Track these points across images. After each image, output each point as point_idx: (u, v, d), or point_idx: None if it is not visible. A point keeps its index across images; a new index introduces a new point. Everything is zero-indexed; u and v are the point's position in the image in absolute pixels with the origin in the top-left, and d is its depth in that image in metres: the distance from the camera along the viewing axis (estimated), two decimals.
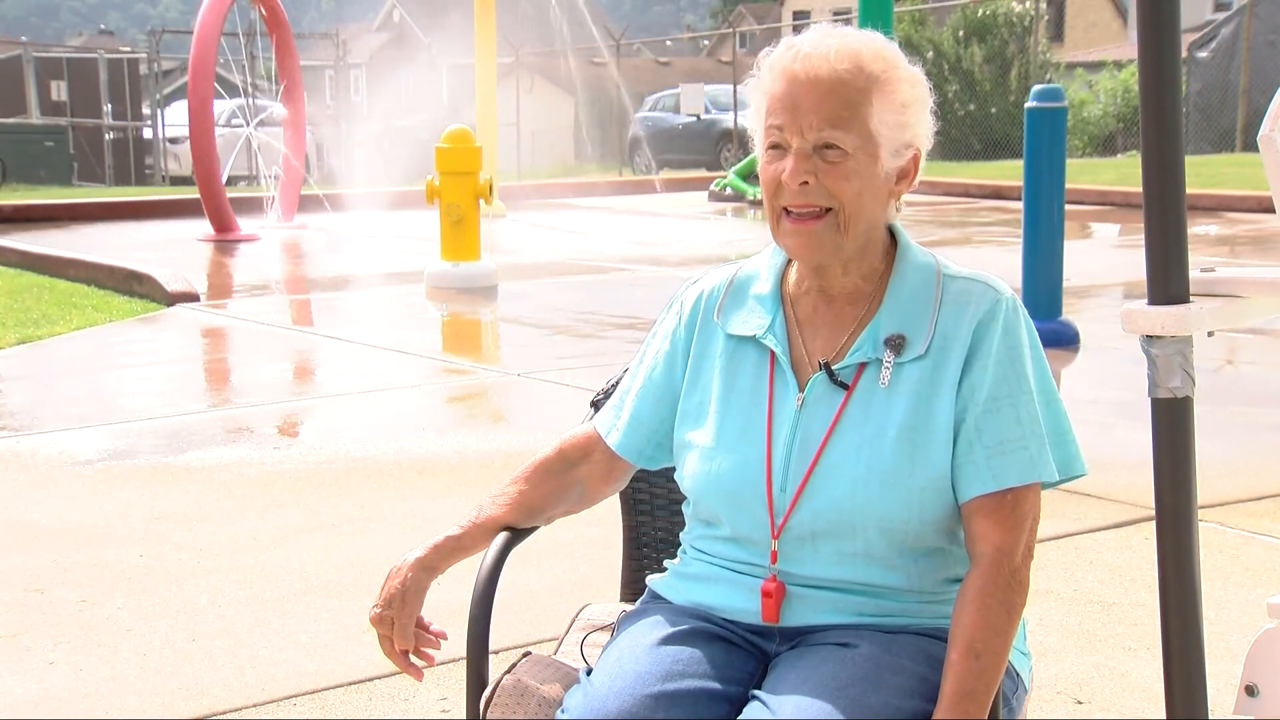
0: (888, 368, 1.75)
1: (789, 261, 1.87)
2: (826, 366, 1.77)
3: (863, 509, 1.72)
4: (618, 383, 2.02)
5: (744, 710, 1.67)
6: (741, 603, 1.79)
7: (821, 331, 1.81)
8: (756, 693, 1.69)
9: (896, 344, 1.75)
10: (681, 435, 1.87)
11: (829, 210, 1.73)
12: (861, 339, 1.77)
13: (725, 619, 1.80)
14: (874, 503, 1.71)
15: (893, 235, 1.83)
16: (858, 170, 1.72)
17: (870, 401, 1.75)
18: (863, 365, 1.76)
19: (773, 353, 1.81)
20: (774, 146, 1.75)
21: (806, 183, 1.72)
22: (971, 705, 1.62)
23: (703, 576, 1.84)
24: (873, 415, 1.74)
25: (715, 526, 1.84)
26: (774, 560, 1.77)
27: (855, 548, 1.74)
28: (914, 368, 1.74)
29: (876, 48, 1.75)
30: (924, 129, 1.78)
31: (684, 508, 1.92)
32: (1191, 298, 1.75)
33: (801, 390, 1.78)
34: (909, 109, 1.76)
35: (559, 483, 1.95)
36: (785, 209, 1.75)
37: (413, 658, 1.89)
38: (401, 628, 1.86)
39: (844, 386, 1.76)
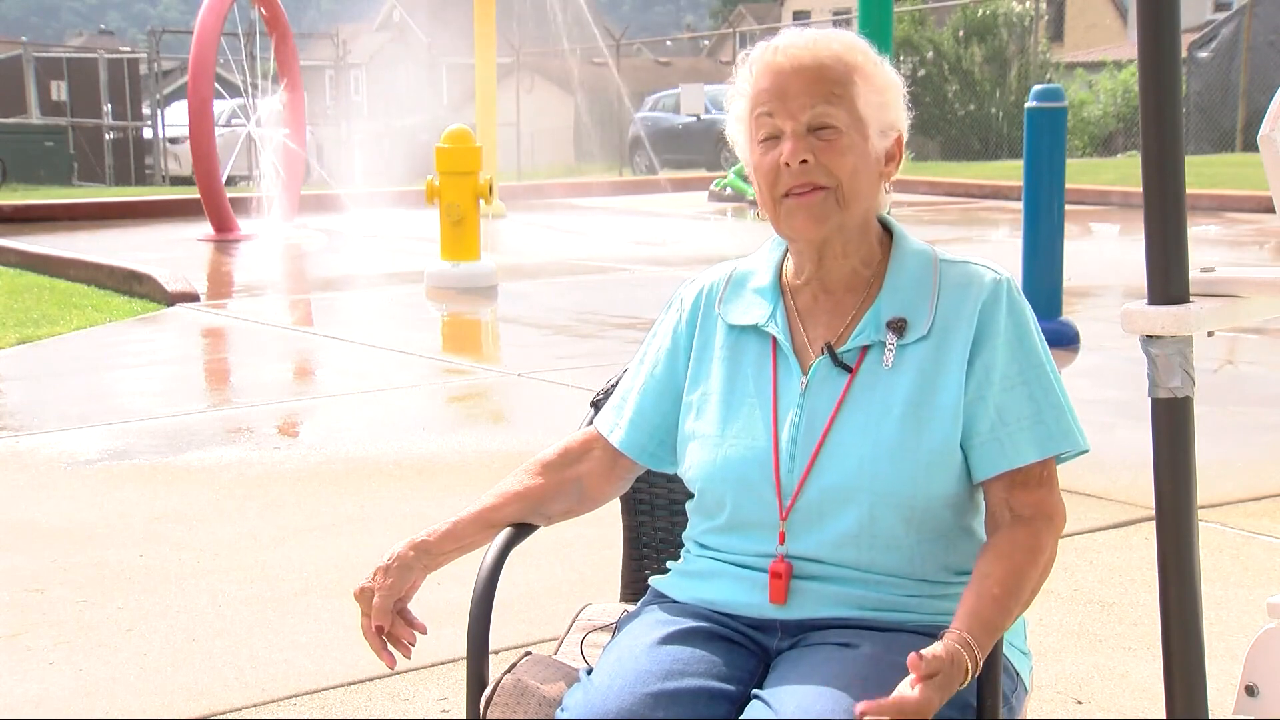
0: (891, 349, 1.78)
1: (786, 254, 1.90)
2: (830, 349, 1.80)
3: (870, 484, 1.74)
4: (618, 383, 2.03)
5: (745, 710, 1.67)
6: (744, 596, 1.80)
7: (822, 320, 1.84)
8: (758, 692, 1.69)
9: (899, 326, 1.79)
10: (685, 427, 1.88)
11: (826, 189, 1.77)
12: (864, 323, 1.80)
13: (728, 614, 1.80)
14: (881, 477, 1.74)
15: (888, 229, 1.87)
16: (852, 146, 1.77)
17: (875, 382, 1.78)
18: (865, 348, 1.80)
19: (774, 339, 1.84)
20: (767, 138, 1.79)
21: (806, 161, 1.76)
22: (984, 631, 1.63)
23: (706, 573, 1.85)
24: (878, 394, 1.77)
25: (718, 518, 1.84)
26: (782, 541, 1.78)
27: (861, 527, 1.75)
28: (917, 348, 1.78)
29: (849, 40, 1.83)
30: (903, 112, 1.85)
31: (687, 505, 1.92)
32: (1191, 298, 1.75)
33: (805, 374, 1.81)
34: (888, 91, 1.82)
35: (558, 478, 1.96)
36: (784, 195, 1.78)
37: (392, 648, 1.86)
38: (381, 600, 1.84)
39: (847, 369, 1.79)
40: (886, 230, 1.87)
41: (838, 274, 1.84)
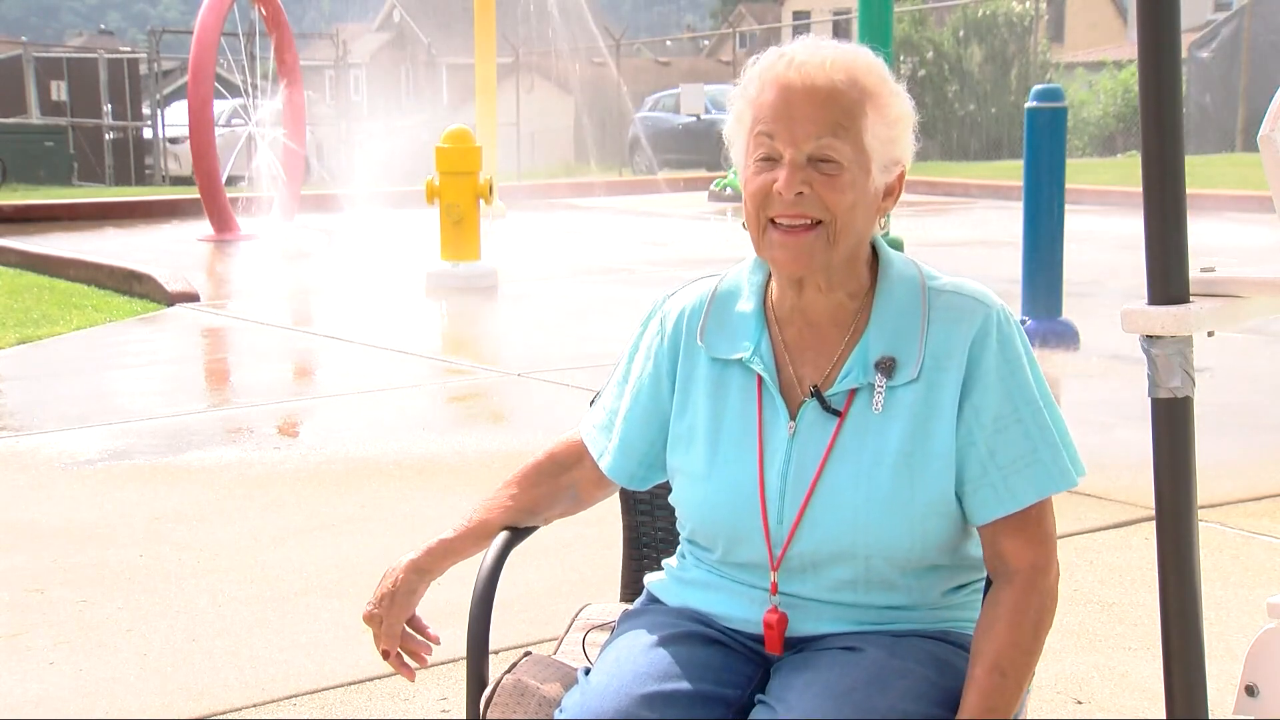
0: (880, 392, 1.70)
1: (770, 277, 1.81)
2: (818, 393, 1.73)
3: (863, 538, 1.69)
4: None
5: (749, 713, 1.67)
6: (742, 612, 1.77)
7: (809, 355, 1.76)
8: (762, 696, 1.68)
9: (887, 367, 1.70)
10: (673, 460, 1.83)
11: (819, 223, 1.68)
12: (850, 363, 1.73)
13: (726, 626, 1.79)
14: (874, 531, 1.69)
15: (873, 249, 1.78)
16: (853, 183, 1.68)
17: (865, 428, 1.70)
18: (854, 390, 1.72)
19: (760, 377, 1.76)
20: (765, 158, 1.69)
21: (802, 193, 1.66)
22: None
23: (702, 583, 1.83)
24: (868, 442, 1.70)
25: (712, 553, 1.81)
26: (774, 591, 1.74)
27: (857, 574, 1.72)
28: (907, 391, 1.70)
29: (869, 62, 1.72)
30: (910, 146, 1.75)
31: (678, 526, 1.89)
32: (1191, 298, 1.75)
33: (793, 418, 1.73)
34: (899, 124, 1.72)
35: (552, 486, 1.95)
36: (772, 220, 1.69)
37: (407, 659, 1.89)
38: (389, 628, 1.86)
39: (836, 413, 1.72)
40: (873, 250, 1.78)
41: (821, 307, 1.75)
